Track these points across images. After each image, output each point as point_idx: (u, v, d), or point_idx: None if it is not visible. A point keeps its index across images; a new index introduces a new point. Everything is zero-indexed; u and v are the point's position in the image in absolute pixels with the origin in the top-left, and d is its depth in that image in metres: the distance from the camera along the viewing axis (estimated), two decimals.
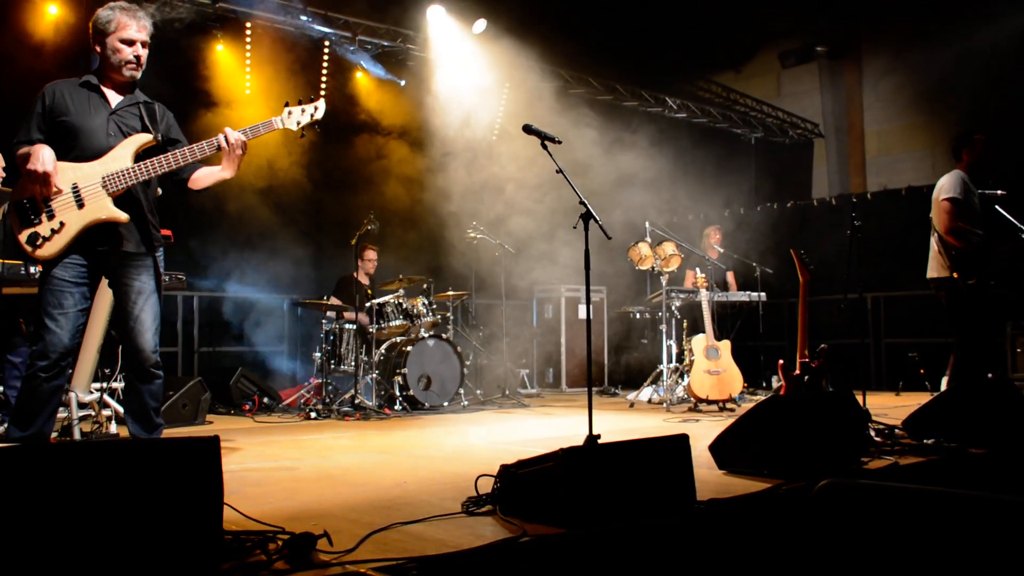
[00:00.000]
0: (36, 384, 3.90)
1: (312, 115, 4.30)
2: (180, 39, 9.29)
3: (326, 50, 10.53)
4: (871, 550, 2.34)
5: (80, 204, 3.89)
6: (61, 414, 5.87)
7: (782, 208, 13.26)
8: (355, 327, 8.68)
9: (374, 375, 8.43)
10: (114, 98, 4.13)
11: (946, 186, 6.46)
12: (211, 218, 9.38)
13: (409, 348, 8.48)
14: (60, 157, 3.91)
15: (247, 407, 8.33)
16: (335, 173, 10.93)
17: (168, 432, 6.71)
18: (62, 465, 2.31)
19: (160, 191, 4.68)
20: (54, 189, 3.83)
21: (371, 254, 9.58)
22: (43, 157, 3.82)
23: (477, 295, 11.37)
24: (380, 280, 9.62)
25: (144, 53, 4.12)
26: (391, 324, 8.69)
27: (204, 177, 4.24)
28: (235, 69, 9.98)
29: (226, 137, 4.06)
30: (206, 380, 7.66)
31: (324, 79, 10.58)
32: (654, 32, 13.35)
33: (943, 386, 8.65)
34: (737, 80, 16.42)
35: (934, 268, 6.55)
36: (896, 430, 5.36)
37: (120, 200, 3.95)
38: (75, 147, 3.97)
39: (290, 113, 4.27)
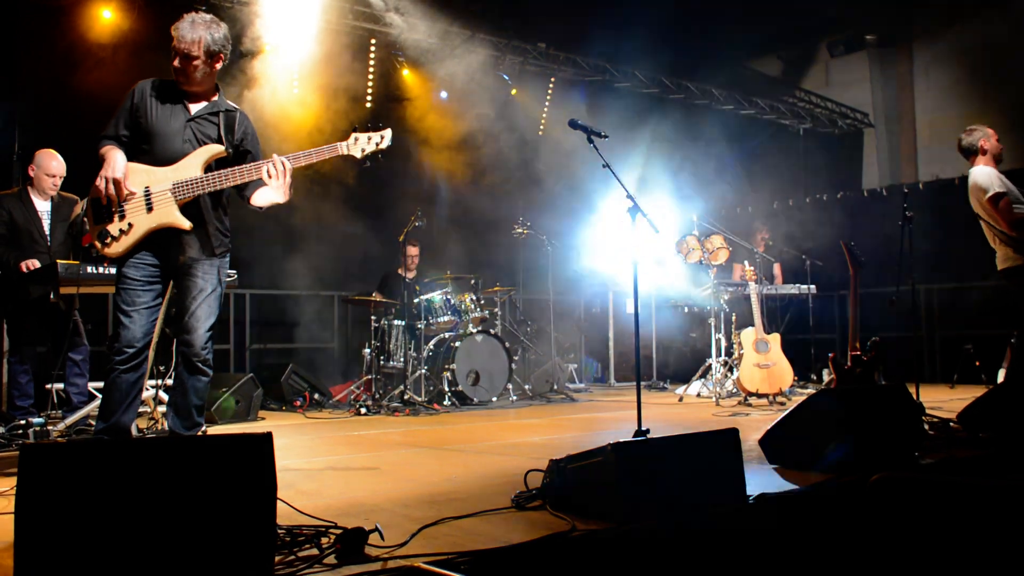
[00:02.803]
0: (114, 377, 4.05)
1: (378, 144, 4.29)
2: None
3: (372, 47, 10.59)
4: (926, 544, 2.32)
5: (149, 208, 4.02)
6: None
7: (832, 199, 13.09)
8: (403, 323, 8.74)
9: (423, 371, 8.48)
10: (195, 104, 4.19)
11: (984, 184, 6.15)
12: (260, 216, 9.47)
13: (457, 344, 8.52)
14: (137, 159, 4.06)
15: (298, 403, 8.42)
16: (382, 170, 10.98)
17: (221, 428, 6.85)
18: (120, 461, 2.36)
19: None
20: (124, 193, 3.98)
21: (412, 250, 9.60)
22: (116, 164, 3.97)
23: (524, 290, 11.39)
24: (427, 276, 9.67)
25: (196, 65, 4.09)
26: (439, 320, 8.73)
27: (261, 198, 4.28)
28: (283, 68, 10.04)
29: (270, 167, 4.08)
30: (258, 377, 7.76)
31: (371, 75, 10.64)
32: (699, 24, 13.24)
33: (1000, 378, 8.49)
34: (785, 71, 16.22)
35: (1005, 259, 6.30)
36: (951, 423, 5.28)
37: (186, 208, 4.06)
38: (151, 150, 4.09)
39: (356, 140, 4.27)
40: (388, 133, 4.31)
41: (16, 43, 8.18)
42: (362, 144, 4.27)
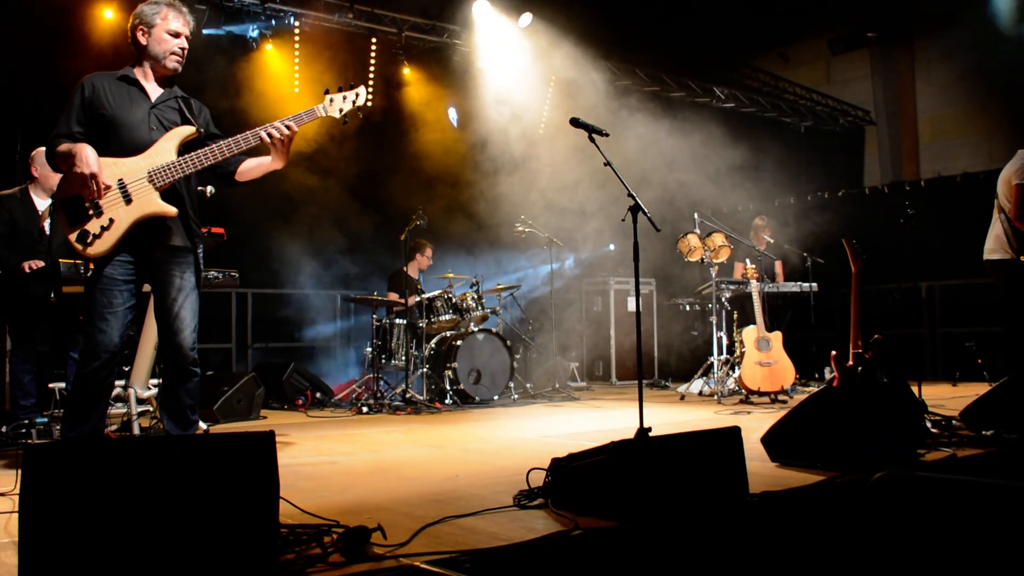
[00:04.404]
0: (89, 384, 3.90)
1: (354, 101, 4.25)
2: (230, 39, 9.43)
3: (373, 46, 10.60)
4: (928, 543, 2.32)
5: (128, 200, 3.86)
6: (120, 410, 6.01)
7: (833, 197, 13.09)
8: (405, 322, 8.74)
9: (425, 369, 8.48)
10: (153, 92, 4.11)
11: (1022, 169, 6.26)
12: (263, 216, 9.50)
13: (459, 342, 8.52)
14: (101, 152, 3.86)
15: (300, 402, 8.42)
16: (383, 169, 11.01)
17: (223, 427, 6.85)
18: (123, 460, 2.37)
19: (212, 190, 4.73)
20: (102, 187, 3.81)
21: (429, 251, 9.66)
22: (87, 158, 3.78)
23: (525, 288, 11.38)
24: (430, 275, 9.67)
25: (186, 47, 4.14)
26: (441, 319, 8.73)
27: (252, 169, 4.21)
28: (284, 67, 10.10)
29: (269, 131, 4.03)
30: (259, 375, 7.76)
31: (372, 75, 10.65)
32: (700, 21, 13.24)
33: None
34: (786, 68, 16.22)
35: (995, 250, 6.35)
36: (953, 421, 5.27)
37: (166, 194, 3.94)
38: (116, 141, 3.94)
39: (332, 101, 4.23)
40: (362, 90, 4.27)
41: (18, 44, 8.19)
42: (338, 104, 4.23)
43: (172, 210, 3.93)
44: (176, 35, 4.09)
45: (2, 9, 8.14)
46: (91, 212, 3.83)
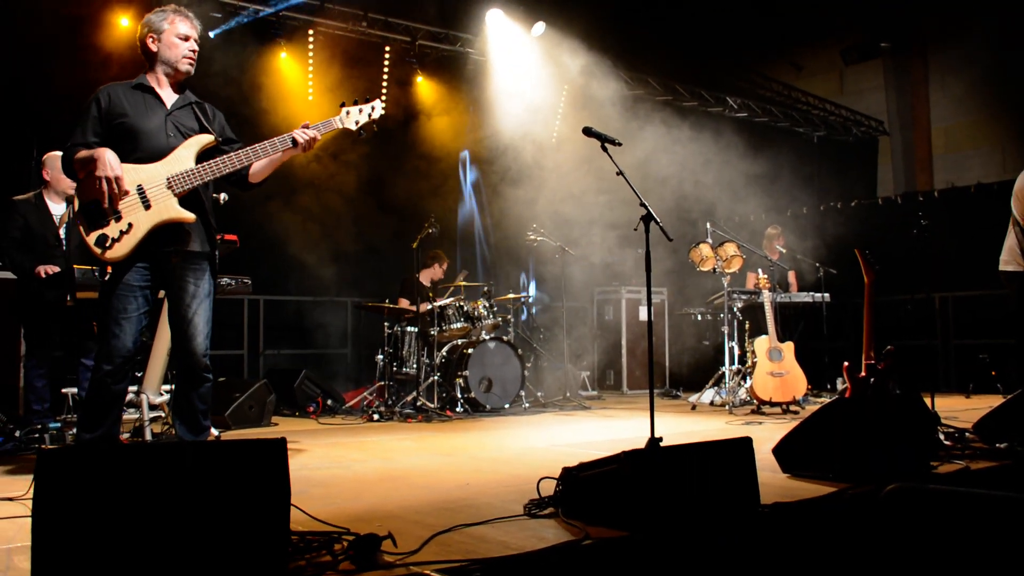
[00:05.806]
0: (103, 388, 3.93)
1: (370, 114, 4.33)
2: (245, 47, 9.48)
3: (387, 54, 10.65)
4: (940, 556, 2.30)
5: (147, 205, 3.89)
6: (132, 415, 6.02)
7: (846, 207, 13.05)
8: (417, 330, 8.74)
9: (436, 377, 8.49)
10: (168, 98, 4.16)
11: None
12: (275, 222, 9.53)
13: (470, 350, 8.52)
14: (121, 159, 3.90)
15: (311, 409, 8.43)
16: (396, 176, 11.03)
17: (235, 434, 6.87)
18: (135, 465, 2.37)
19: (226, 197, 4.75)
20: (122, 191, 3.84)
21: (445, 264, 9.68)
22: (109, 161, 3.82)
23: (537, 297, 11.36)
24: (440, 283, 9.68)
25: (197, 49, 4.19)
26: (452, 327, 8.73)
27: (263, 168, 4.23)
28: (298, 75, 10.15)
29: (295, 138, 4.08)
30: (271, 382, 7.78)
31: (385, 82, 10.69)
32: (714, 31, 13.24)
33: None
34: (799, 78, 16.20)
35: (1009, 262, 6.31)
36: (967, 433, 5.24)
37: (185, 200, 3.96)
38: (136, 149, 3.97)
39: (348, 113, 4.29)
40: (378, 103, 4.36)
41: (35, 51, 8.25)
42: (355, 116, 4.30)
43: (190, 216, 3.96)
44: (185, 38, 4.16)
45: (19, 16, 8.20)
46: (111, 216, 3.86)
